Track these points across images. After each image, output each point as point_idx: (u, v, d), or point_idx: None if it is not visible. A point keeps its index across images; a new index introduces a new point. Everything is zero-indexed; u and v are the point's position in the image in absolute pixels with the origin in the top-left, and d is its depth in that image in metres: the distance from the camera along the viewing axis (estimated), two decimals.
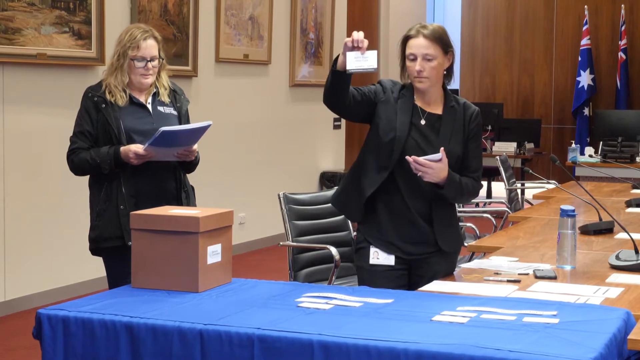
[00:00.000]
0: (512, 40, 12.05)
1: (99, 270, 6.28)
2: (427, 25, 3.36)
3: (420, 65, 3.30)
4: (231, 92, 7.74)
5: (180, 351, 2.52)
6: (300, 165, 8.85)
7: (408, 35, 3.35)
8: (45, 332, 2.67)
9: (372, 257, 3.39)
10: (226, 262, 3.04)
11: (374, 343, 2.35)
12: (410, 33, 3.35)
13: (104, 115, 3.62)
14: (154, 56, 3.67)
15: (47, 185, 5.80)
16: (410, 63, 3.33)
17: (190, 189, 3.83)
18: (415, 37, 3.32)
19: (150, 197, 3.59)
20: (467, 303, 2.74)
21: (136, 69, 3.65)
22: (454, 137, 3.36)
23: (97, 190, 3.67)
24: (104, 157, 3.57)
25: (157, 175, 3.67)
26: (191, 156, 3.66)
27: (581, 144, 10.19)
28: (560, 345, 2.30)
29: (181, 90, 3.87)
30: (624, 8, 11.16)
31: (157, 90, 3.74)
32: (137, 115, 3.67)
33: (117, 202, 3.61)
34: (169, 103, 3.76)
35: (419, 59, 3.30)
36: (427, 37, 3.30)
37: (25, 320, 5.37)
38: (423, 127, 3.35)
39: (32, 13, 5.57)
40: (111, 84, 3.65)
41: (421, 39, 3.31)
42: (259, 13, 7.98)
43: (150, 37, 3.67)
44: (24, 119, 5.66)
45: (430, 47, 3.30)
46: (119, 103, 3.63)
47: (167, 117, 3.72)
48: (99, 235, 3.66)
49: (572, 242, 3.38)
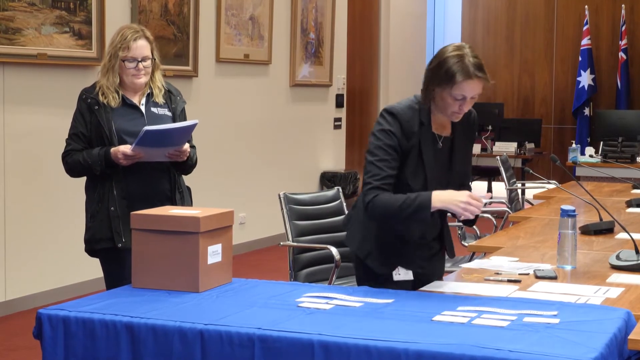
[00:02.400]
0: (512, 40, 12.05)
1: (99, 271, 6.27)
2: (479, 61, 3.04)
3: (467, 107, 3.08)
4: (231, 92, 7.74)
5: (181, 351, 2.52)
6: (300, 165, 8.85)
7: (465, 78, 3.00)
8: (46, 332, 2.67)
9: (395, 274, 3.29)
10: (227, 262, 3.04)
11: (375, 343, 2.36)
12: (467, 75, 3.00)
13: (97, 117, 3.62)
14: (146, 56, 3.66)
15: (48, 185, 5.80)
16: (454, 102, 3.05)
17: (185, 190, 3.82)
18: (472, 79, 3.01)
19: (142, 199, 3.59)
20: (468, 303, 2.74)
21: (127, 70, 3.64)
22: (466, 155, 3.30)
23: (92, 191, 3.69)
24: (95, 158, 3.58)
25: (150, 177, 3.67)
26: (182, 156, 3.65)
27: (582, 144, 10.19)
28: (561, 345, 2.30)
29: (177, 91, 3.86)
30: (625, 8, 11.16)
31: (152, 91, 3.73)
32: (129, 116, 3.66)
33: (109, 204, 3.62)
34: (164, 104, 3.75)
35: (467, 99, 3.05)
36: (482, 79, 3.03)
37: (26, 320, 5.37)
38: (439, 152, 3.21)
39: (33, 13, 5.57)
40: (104, 85, 3.65)
41: (477, 82, 3.02)
42: (259, 13, 7.98)
43: (141, 38, 3.65)
44: (25, 119, 5.66)
45: (481, 87, 3.06)
46: (111, 104, 3.63)
47: (160, 117, 3.70)
48: (92, 236, 3.67)
49: (572, 242, 3.38)
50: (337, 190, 4.44)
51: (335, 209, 4.35)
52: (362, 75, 10.10)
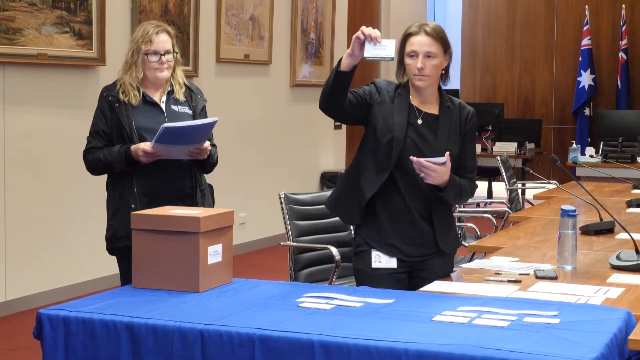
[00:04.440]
0: (512, 40, 12.05)
1: (99, 270, 6.29)
2: (428, 23, 3.33)
3: (422, 63, 3.26)
4: (232, 92, 7.74)
5: (181, 351, 2.52)
6: (300, 165, 8.85)
7: (409, 33, 3.31)
8: (46, 332, 2.67)
9: (374, 261, 3.36)
10: (227, 262, 3.04)
11: (375, 343, 2.36)
12: (411, 30, 3.31)
13: (117, 115, 3.62)
14: (168, 50, 3.67)
15: (48, 185, 5.80)
16: (410, 60, 3.30)
17: (207, 188, 3.81)
18: (417, 34, 3.28)
19: (163, 196, 3.58)
20: (468, 303, 2.74)
21: (150, 64, 3.64)
22: (451, 137, 3.36)
23: (113, 189, 3.69)
24: (115, 155, 3.58)
25: (171, 174, 3.66)
26: (203, 154, 3.64)
27: (582, 144, 10.19)
28: (561, 346, 2.30)
29: (198, 89, 3.86)
30: (625, 8, 11.17)
31: (172, 88, 3.73)
32: (150, 114, 3.66)
33: (129, 201, 3.61)
34: (184, 102, 3.75)
35: (420, 57, 3.27)
36: (430, 34, 3.27)
37: (26, 320, 5.37)
38: (420, 127, 3.34)
39: (33, 13, 5.57)
40: (126, 82, 3.65)
41: (423, 36, 3.27)
42: (259, 13, 7.98)
43: (163, 32, 3.67)
44: (25, 119, 5.66)
45: (433, 45, 3.27)
46: (132, 102, 3.63)
47: (180, 115, 3.70)
48: (113, 234, 3.67)
49: (572, 242, 3.38)
50: None
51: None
52: (363, 76, 10.11)
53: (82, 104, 5.88)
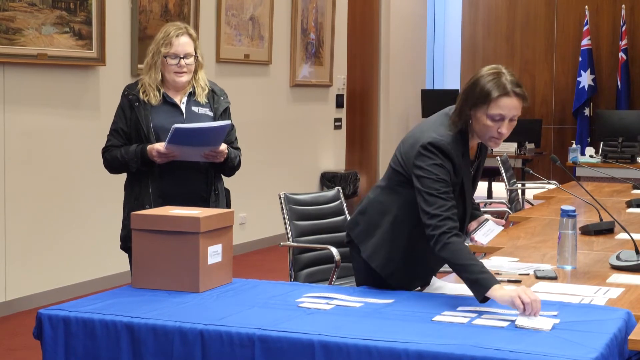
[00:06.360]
0: (512, 40, 12.05)
1: (100, 271, 6.29)
2: (516, 80, 2.92)
3: (507, 129, 2.90)
4: (232, 92, 7.65)
5: (181, 351, 2.53)
6: (300, 165, 8.85)
7: (502, 93, 2.87)
8: (46, 333, 2.67)
9: None
10: (227, 262, 3.04)
11: (375, 343, 2.36)
12: (504, 91, 2.87)
13: (136, 114, 3.61)
14: (188, 53, 3.63)
15: (48, 185, 5.80)
16: (492, 123, 2.88)
17: (222, 191, 3.78)
18: (509, 96, 2.87)
19: (177, 198, 3.55)
20: (468, 303, 2.74)
21: (169, 67, 3.61)
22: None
23: (129, 189, 3.69)
24: (131, 155, 3.57)
25: (185, 176, 3.64)
26: (219, 157, 3.60)
27: (582, 144, 10.18)
28: (561, 346, 2.31)
29: (222, 91, 3.83)
30: (625, 8, 11.16)
31: (194, 90, 3.70)
32: (168, 114, 3.63)
33: (144, 202, 3.60)
34: (205, 103, 3.71)
35: (506, 121, 2.89)
36: (520, 96, 2.90)
37: (26, 321, 5.37)
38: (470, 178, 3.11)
39: (33, 13, 5.57)
40: (146, 82, 3.64)
41: (515, 100, 2.89)
42: (259, 13, 7.98)
43: (184, 34, 3.63)
44: (25, 119, 5.66)
45: (520, 108, 2.92)
46: (152, 102, 3.61)
47: (200, 117, 3.66)
48: (127, 234, 3.66)
49: (572, 243, 3.38)
50: (337, 190, 4.44)
51: (335, 209, 4.35)
52: (363, 76, 10.10)
53: (82, 104, 5.88)
